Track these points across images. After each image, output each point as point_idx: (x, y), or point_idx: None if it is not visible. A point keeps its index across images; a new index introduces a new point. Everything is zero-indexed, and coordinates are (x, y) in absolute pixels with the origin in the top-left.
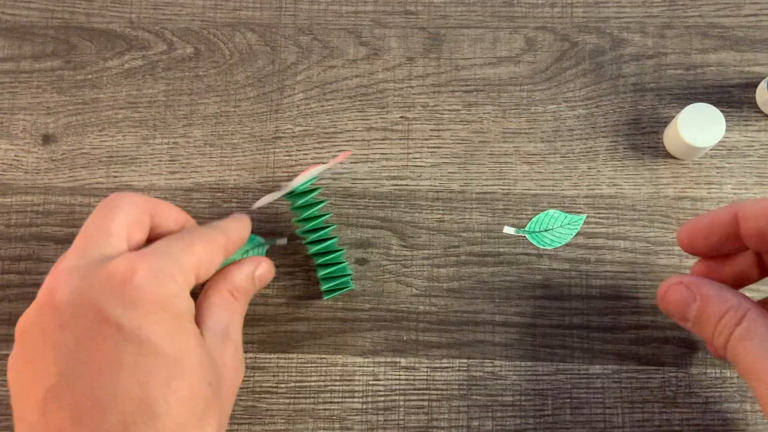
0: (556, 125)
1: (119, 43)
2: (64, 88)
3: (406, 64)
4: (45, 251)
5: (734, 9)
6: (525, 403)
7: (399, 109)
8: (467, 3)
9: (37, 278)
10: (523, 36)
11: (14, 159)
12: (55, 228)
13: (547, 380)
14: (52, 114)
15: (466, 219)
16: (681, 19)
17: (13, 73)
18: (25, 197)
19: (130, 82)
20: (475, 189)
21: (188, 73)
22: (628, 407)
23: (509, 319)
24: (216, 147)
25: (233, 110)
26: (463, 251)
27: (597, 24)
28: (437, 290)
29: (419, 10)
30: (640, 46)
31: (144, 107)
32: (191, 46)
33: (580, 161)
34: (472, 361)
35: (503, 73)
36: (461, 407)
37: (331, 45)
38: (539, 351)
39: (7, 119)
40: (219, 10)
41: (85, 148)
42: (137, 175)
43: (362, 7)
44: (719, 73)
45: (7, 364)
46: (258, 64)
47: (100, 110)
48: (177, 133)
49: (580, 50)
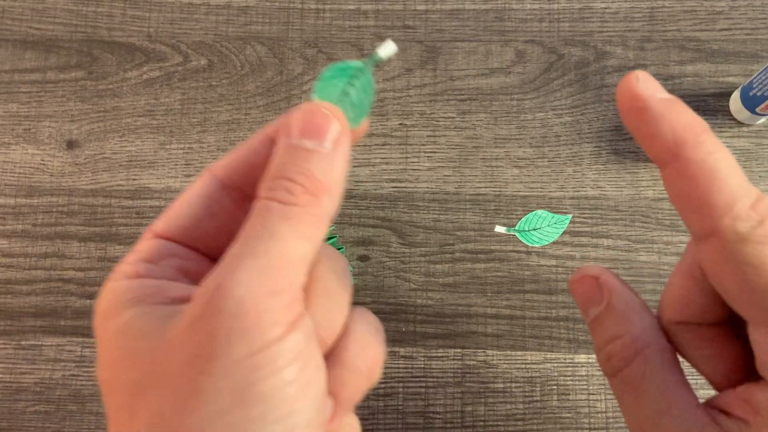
0: (543, 132)
1: (138, 55)
2: (87, 97)
3: (404, 74)
4: (69, 249)
5: (709, 24)
6: (515, 390)
7: (398, 116)
8: (461, 18)
9: (61, 274)
10: (513, 49)
11: (40, 163)
12: (79, 227)
13: (535, 368)
14: (75, 121)
15: (461, 219)
16: (660, 33)
17: (40, 83)
18: (51, 198)
19: (148, 91)
20: (468, 191)
21: (202, 83)
22: (610, 393)
23: (500, 311)
24: (228, 152)
25: (244, 117)
26: (457, 249)
27: (582, 38)
28: (433, 285)
29: (417, 24)
30: (622, 58)
31: (161, 115)
32: (205, 58)
33: (566, 165)
34: (465, 351)
35: (495, 83)
36: (456, 393)
37: (335, 57)
38: (528, 341)
39: (34, 126)
40: (231, 25)
41: (106, 152)
42: (155, 178)
43: (363, 22)
44: (695, 83)
45: None
46: (267, 74)
47: (121, 118)
48: (192, 139)
49: (566, 62)
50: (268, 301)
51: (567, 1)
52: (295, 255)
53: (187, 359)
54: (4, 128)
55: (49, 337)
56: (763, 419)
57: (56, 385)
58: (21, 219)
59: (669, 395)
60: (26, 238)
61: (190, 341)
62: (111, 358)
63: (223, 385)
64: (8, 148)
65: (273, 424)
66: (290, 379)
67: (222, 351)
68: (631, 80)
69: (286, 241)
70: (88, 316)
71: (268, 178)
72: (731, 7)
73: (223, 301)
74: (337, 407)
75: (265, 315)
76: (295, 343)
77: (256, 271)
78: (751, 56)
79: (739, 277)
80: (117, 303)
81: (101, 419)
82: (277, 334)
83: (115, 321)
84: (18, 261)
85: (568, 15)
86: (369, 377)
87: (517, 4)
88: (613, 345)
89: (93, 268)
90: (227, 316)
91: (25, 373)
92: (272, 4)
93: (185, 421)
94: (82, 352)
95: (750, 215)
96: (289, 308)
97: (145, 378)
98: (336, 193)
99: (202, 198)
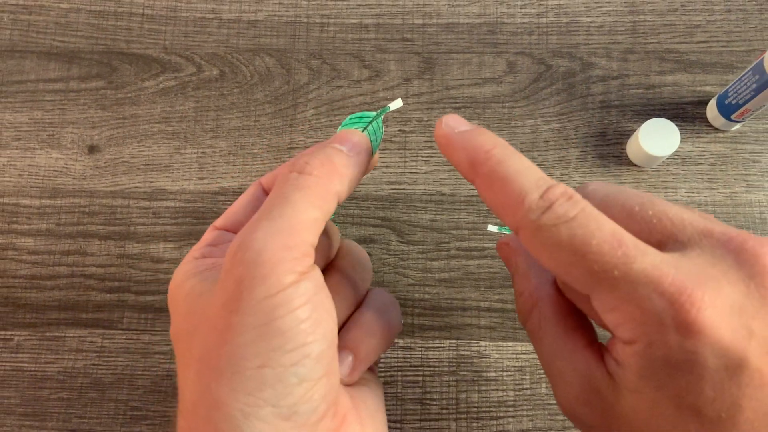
0: (533, 137)
1: (155, 66)
2: (107, 105)
3: (403, 84)
4: (90, 246)
5: (687, 37)
6: (506, 378)
7: (397, 123)
8: (456, 31)
9: (83, 270)
10: (505, 60)
11: (63, 167)
12: (99, 226)
13: (525, 358)
14: (96, 127)
15: (456, 219)
16: (642, 45)
17: (63, 92)
18: (73, 200)
19: (164, 99)
20: (463, 192)
21: (214, 92)
22: None
23: (493, 305)
24: (239, 156)
25: (253, 124)
26: (452, 246)
27: (569, 50)
28: (430, 280)
29: (414, 37)
30: (606, 68)
31: (176, 122)
32: (217, 69)
33: (554, 168)
34: (460, 342)
35: (487, 92)
36: (451, 382)
37: (338, 68)
38: (518, 333)
39: (58, 132)
40: (241, 38)
41: (125, 157)
42: (170, 181)
43: (365, 35)
44: (675, 92)
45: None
46: (275, 84)
47: (138, 124)
48: (205, 144)
49: (554, 72)
50: (282, 254)
51: (555, 15)
52: (306, 218)
53: (222, 303)
54: (30, 134)
55: (71, 329)
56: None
57: (78, 373)
58: (45, 219)
59: (560, 340)
60: (50, 236)
61: (224, 289)
62: (180, 315)
63: (249, 321)
64: (34, 152)
65: (290, 353)
66: (304, 317)
67: (246, 293)
68: (438, 125)
69: (298, 205)
70: (108, 310)
71: (291, 161)
72: (708, 21)
73: (245, 253)
74: (356, 361)
75: (280, 264)
76: (306, 288)
77: (271, 229)
78: (727, 67)
79: (552, 259)
80: (186, 276)
81: (120, 406)
82: (291, 280)
83: (183, 288)
84: (43, 258)
85: (556, 29)
86: (383, 340)
87: (509, 18)
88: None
89: (112, 265)
90: (249, 265)
91: (50, 362)
92: (280, 18)
93: (222, 350)
94: (102, 343)
95: (539, 204)
96: (301, 261)
97: (199, 324)
98: (346, 184)
99: (251, 200)
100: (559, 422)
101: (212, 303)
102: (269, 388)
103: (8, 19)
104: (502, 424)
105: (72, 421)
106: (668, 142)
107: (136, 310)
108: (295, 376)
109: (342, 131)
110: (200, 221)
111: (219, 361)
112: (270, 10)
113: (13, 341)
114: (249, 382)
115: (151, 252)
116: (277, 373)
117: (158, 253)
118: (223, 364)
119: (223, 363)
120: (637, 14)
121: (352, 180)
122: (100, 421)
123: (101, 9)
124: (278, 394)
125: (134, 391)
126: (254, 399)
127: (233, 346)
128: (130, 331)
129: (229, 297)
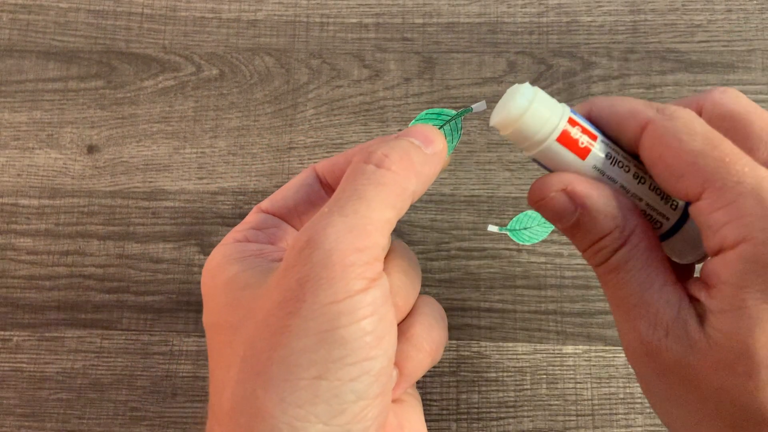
0: None
1: (154, 65)
2: (106, 105)
3: (403, 84)
4: (89, 247)
5: (688, 36)
6: (506, 379)
7: (397, 123)
8: (457, 31)
9: (82, 270)
10: (505, 59)
11: (63, 166)
12: (98, 227)
13: (525, 359)
14: (95, 127)
15: (456, 219)
16: (642, 44)
17: (62, 91)
18: (72, 200)
19: (164, 99)
20: (463, 192)
21: (214, 92)
22: (596, 382)
23: (493, 305)
24: (238, 156)
25: (253, 124)
26: (452, 246)
27: (569, 49)
28: (430, 280)
29: (415, 37)
30: (607, 68)
31: (175, 121)
32: (216, 68)
33: None
34: (460, 342)
35: (488, 91)
36: (451, 382)
37: (338, 67)
38: (519, 333)
39: (57, 132)
40: (241, 37)
41: (124, 157)
42: (170, 181)
43: (365, 35)
44: (675, 92)
45: None
46: (275, 84)
47: (138, 124)
48: (204, 144)
49: (554, 72)
50: (354, 256)
51: (555, 15)
52: (380, 218)
53: (279, 302)
54: (29, 134)
55: (70, 329)
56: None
57: (77, 374)
58: (44, 219)
59: (652, 272)
60: (49, 236)
61: (282, 287)
62: (219, 303)
63: (310, 326)
64: (32, 152)
65: (350, 366)
66: (369, 329)
67: (310, 296)
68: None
69: (373, 203)
70: (107, 310)
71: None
72: (709, 20)
73: (314, 252)
74: (401, 378)
75: (350, 268)
76: (374, 297)
77: (344, 228)
78: (728, 66)
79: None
80: (227, 260)
81: (119, 406)
82: (360, 287)
83: (225, 274)
84: (41, 258)
85: (557, 28)
86: (431, 356)
87: (509, 18)
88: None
89: (112, 265)
90: (316, 266)
91: (48, 363)
92: (279, 17)
93: (273, 354)
94: (101, 343)
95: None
96: (371, 266)
97: (245, 318)
98: (422, 183)
99: (303, 186)
100: (560, 423)
101: (264, 298)
102: (323, 403)
103: (7, 18)
104: (503, 424)
105: (71, 421)
106: None
107: (136, 311)
108: (352, 392)
109: (419, 125)
110: (200, 221)
111: (269, 365)
112: (270, 9)
113: (11, 341)
114: (301, 393)
115: (151, 252)
116: (333, 387)
117: (157, 253)
118: (274, 370)
119: (274, 368)
120: (637, 14)
121: (428, 180)
122: (99, 421)
123: (100, 8)
124: (332, 411)
125: (133, 392)
126: (305, 413)
127: (288, 350)
128: (130, 331)
129: (288, 296)
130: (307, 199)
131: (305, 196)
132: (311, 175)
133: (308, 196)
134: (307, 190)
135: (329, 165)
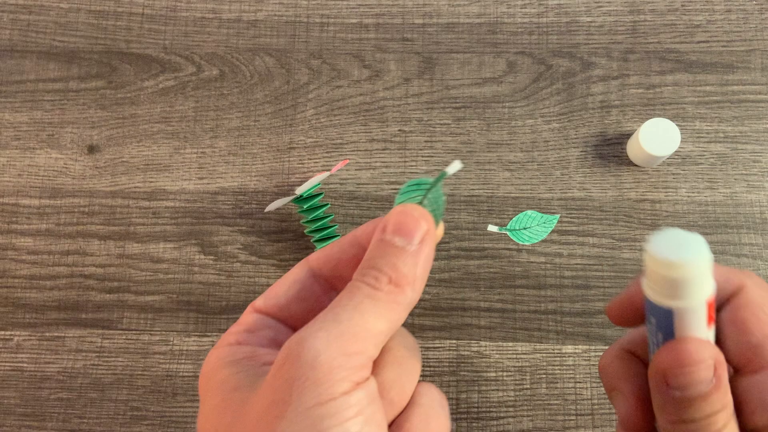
0: (533, 137)
1: (154, 66)
2: (107, 105)
3: (403, 84)
4: (90, 246)
5: (688, 36)
6: (506, 378)
7: (397, 123)
8: (457, 31)
9: (83, 270)
10: (505, 60)
11: (63, 166)
12: (99, 226)
13: (525, 358)
14: (96, 127)
15: (456, 218)
16: (642, 45)
17: (62, 92)
18: (73, 200)
19: (164, 99)
20: (463, 192)
21: (214, 92)
22: (595, 382)
23: (493, 305)
24: (238, 156)
25: (253, 124)
26: (452, 246)
27: (569, 49)
28: (430, 280)
29: (414, 37)
30: (607, 68)
31: (176, 121)
32: (217, 69)
33: (554, 168)
34: (460, 342)
35: (488, 92)
36: (451, 382)
37: (338, 68)
38: (518, 333)
39: (57, 132)
40: (241, 38)
41: (124, 157)
42: (170, 181)
43: (365, 35)
44: (675, 92)
45: None
46: (275, 84)
47: (138, 124)
48: (204, 144)
49: (554, 72)
50: (341, 359)
51: (555, 15)
52: (372, 328)
53: (267, 405)
54: (30, 134)
55: (71, 329)
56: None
57: (78, 374)
58: (45, 219)
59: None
60: (50, 236)
61: (272, 387)
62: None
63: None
64: (33, 152)
65: None
66: (354, 431)
67: (296, 398)
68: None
69: (366, 314)
70: (108, 310)
71: (361, 267)
72: (708, 21)
73: (303, 352)
74: None
75: (336, 370)
76: (358, 399)
77: (336, 332)
78: (727, 67)
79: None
80: (221, 363)
81: (120, 406)
82: (344, 389)
83: (217, 377)
84: (42, 258)
85: (556, 28)
86: None
87: (509, 18)
88: (719, 415)
89: (112, 265)
90: (303, 366)
91: (49, 362)
92: (280, 18)
93: None
94: (101, 343)
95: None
96: (358, 371)
97: (236, 421)
98: (419, 286)
99: (296, 283)
100: (559, 422)
101: (254, 401)
102: None
103: (8, 18)
104: (503, 424)
105: (72, 421)
106: (668, 141)
107: (136, 310)
108: None
109: (398, 214)
110: (200, 221)
111: None
112: (270, 9)
113: (12, 341)
114: None
115: (151, 252)
116: None
117: (158, 253)
118: None
119: None
120: (637, 14)
121: (423, 279)
122: (99, 421)
123: (101, 9)
124: None
125: (134, 392)
126: None
127: None
128: (130, 331)
129: (276, 398)
130: (299, 297)
131: (297, 294)
132: (304, 270)
133: (300, 293)
134: (299, 287)
135: (323, 257)
